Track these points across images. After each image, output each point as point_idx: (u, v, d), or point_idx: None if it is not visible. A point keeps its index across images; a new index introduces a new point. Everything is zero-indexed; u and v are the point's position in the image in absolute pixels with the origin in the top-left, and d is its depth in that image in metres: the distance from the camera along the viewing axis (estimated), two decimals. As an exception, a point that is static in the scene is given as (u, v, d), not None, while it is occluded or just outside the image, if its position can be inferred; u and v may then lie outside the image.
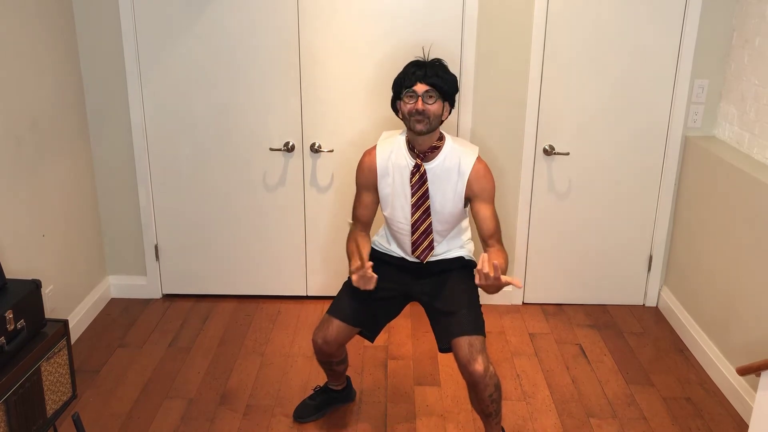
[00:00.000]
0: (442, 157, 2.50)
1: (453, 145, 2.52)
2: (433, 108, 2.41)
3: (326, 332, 2.59)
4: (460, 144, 2.55)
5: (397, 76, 2.50)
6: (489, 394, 2.44)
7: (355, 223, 2.68)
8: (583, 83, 3.49)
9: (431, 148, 2.49)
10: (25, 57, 3.00)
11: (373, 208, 2.65)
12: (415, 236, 2.58)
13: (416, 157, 2.50)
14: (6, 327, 2.29)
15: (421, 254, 2.60)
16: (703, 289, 3.38)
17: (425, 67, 2.43)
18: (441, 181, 2.50)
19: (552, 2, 3.37)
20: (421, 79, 2.41)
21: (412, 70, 2.44)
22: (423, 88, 2.41)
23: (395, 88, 2.50)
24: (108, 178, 3.68)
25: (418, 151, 2.49)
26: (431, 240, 2.57)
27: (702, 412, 2.99)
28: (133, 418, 2.89)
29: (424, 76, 2.41)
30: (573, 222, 3.73)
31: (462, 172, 2.48)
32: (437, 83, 2.41)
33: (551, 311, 3.83)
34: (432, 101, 2.41)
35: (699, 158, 3.45)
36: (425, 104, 2.40)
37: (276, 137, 3.60)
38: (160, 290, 3.89)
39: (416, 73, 2.43)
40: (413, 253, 2.61)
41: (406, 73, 2.46)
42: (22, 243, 2.99)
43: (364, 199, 2.64)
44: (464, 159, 2.49)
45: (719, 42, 3.43)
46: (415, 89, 2.42)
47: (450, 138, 2.54)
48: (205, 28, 3.42)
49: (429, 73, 2.42)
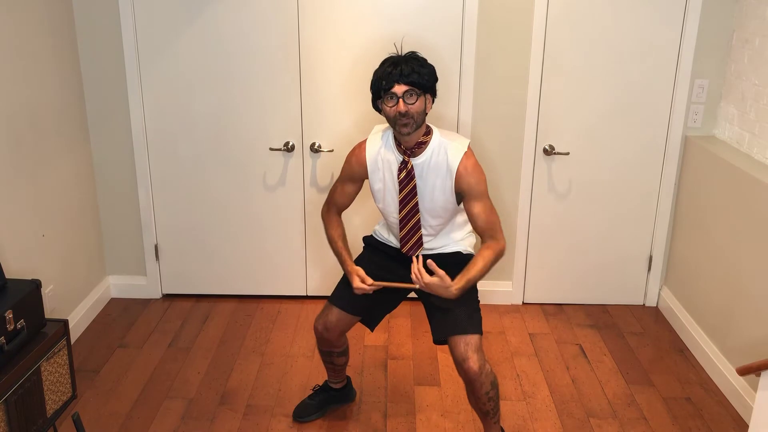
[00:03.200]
0: (430, 152, 2.45)
1: (441, 139, 2.47)
2: (415, 107, 2.35)
3: (327, 319, 2.63)
4: (449, 138, 2.49)
5: (373, 76, 2.42)
6: (485, 392, 2.44)
7: (329, 206, 2.68)
8: (583, 83, 3.49)
9: (418, 143, 2.45)
10: (26, 57, 3.00)
11: (351, 198, 2.65)
12: (404, 232, 2.56)
13: (403, 153, 2.47)
14: (6, 327, 2.29)
15: (410, 250, 2.58)
16: (703, 289, 3.38)
17: (401, 65, 2.36)
18: (430, 177, 2.46)
19: (552, 2, 3.37)
20: (398, 79, 2.34)
21: (388, 70, 2.37)
22: (402, 88, 2.34)
23: (373, 89, 2.43)
24: (108, 178, 3.68)
25: (405, 147, 2.46)
26: (419, 236, 2.56)
27: (702, 412, 2.99)
28: (133, 418, 2.89)
29: (401, 75, 2.34)
30: (573, 222, 3.73)
31: (450, 168, 2.44)
32: (415, 80, 2.35)
33: (551, 311, 3.83)
34: (413, 100, 2.35)
35: (699, 158, 3.45)
36: (407, 105, 2.34)
37: (276, 137, 3.60)
38: (159, 290, 3.89)
39: (393, 73, 2.35)
40: (402, 249, 2.60)
41: (383, 73, 2.38)
42: (22, 243, 2.99)
43: (347, 188, 2.64)
44: (452, 154, 2.44)
45: (719, 42, 3.43)
46: (394, 91, 2.35)
47: (438, 132, 2.49)
48: (205, 27, 3.42)
49: (405, 71, 2.34)
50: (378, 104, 2.45)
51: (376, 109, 2.47)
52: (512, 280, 3.85)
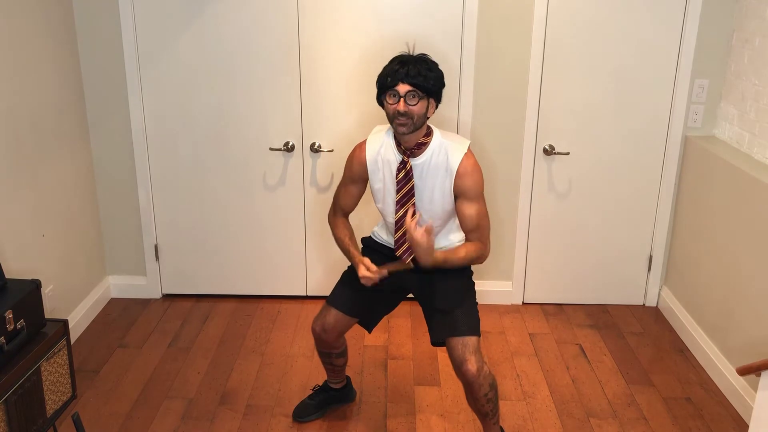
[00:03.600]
0: (429, 153, 2.45)
1: (441, 140, 2.46)
2: (415, 109, 2.34)
3: (324, 320, 2.63)
4: (449, 139, 2.48)
5: (381, 71, 2.42)
6: (484, 394, 2.44)
7: (335, 210, 2.67)
8: (583, 83, 3.49)
9: (418, 144, 2.44)
10: (26, 57, 3.00)
11: (356, 199, 2.64)
12: (399, 233, 2.54)
13: (403, 153, 2.46)
14: (6, 327, 2.29)
15: (404, 253, 2.56)
16: (703, 289, 3.38)
17: (408, 65, 2.35)
18: (429, 178, 2.46)
19: (552, 2, 3.37)
20: (404, 79, 2.33)
21: (395, 68, 2.36)
22: (405, 88, 2.33)
23: (378, 83, 2.42)
24: (108, 178, 3.68)
25: (405, 147, 2.45)
26: None
27: (702, 412, 2.99)
28: (133, 418, 2.89)
29: (406, 75, 2.33)
30: (573, 222, 3.73)
31: (450, 168, 2.43)
32: (420, 83, 2.34)
33: (551, 311, 3.83)
34: (414, 102, 2.34)
35: (699, 158, 3.45)
36: (407, 105, 2.33)
37: (276, 137, 3.60)
38: (159, 290, 3.89)
39: (399, 71, 2.35)
40: (396, 252, 2.58)
41: (390, 70, 2.38)
42: (22, 243, 2.99)
43: (350, 189, 2.63)
44: (452, 155, 2.43)
45: (719, 42, 3.43)
46: (397, 89, 2.34)
47: (439, 133, 2.48)
48: (205, 27, 3.42)
49: (412, 72, 2.33)
50: (381, 99, 2.44)
51: (380, 103, 2.46)
52: (512, 280, 3.85)
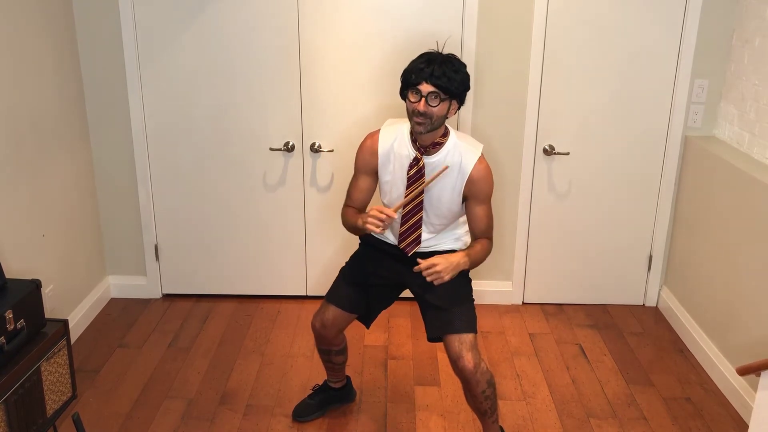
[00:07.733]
0: (444, 153, 2.45)
1: (456, 141, 2.46)
2: (435, 110, 2.32)
3: (324, 317, 2.66)
4: (464, 141, 2.49)
5: (407, 65, 2.39)
6: (482, 391, 2.45)
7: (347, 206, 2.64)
8: (583, 83, 3.49)
9: (434, 143, 2.44)
10: (26, 57, 3.00)
11: (368, 193, 2.60)
12: (404, 228, 2.54)
13: (417, 150, 2.46)
14: (6, 327, 2.29)
15: (407, 247, 2.57)
16: (703, 289, 3.38)
17: (434, 65, 2.32)
18: (440, 177, 2.46)
19: (552, 1, 3.37)
20: (428, 78, 2.31)
21: (420, 66, 2.33)
22: (428, 88, 2.31)
23: (402, 79, 2.40)
24: (108, 178, 3.68)
25: (420, 144, 2.45)
26: (419, 234, 2.55)
27: (702, 412, 2.99)
28: (133, 418, 2.89)
29: (431, 75, 2.30)
30: (573, 222, 3.73)
31: (463, 170, 2.44)
32: (443, 84, 2.31)
33: (551, 311, 3.83)
34: (436, 103, 2.32)
35: (699, 158, 3.45)
36: (428, 106, 2.32)
37: (276, 137, 3.60)
38: (159, 290, 3.89)
39: (424, 70, 2.32)
40: (399, 245, 2.58)
41: (415, 67, 2.35)
42: (22, 243, 2.99)
43: (361, 183, 2.59)
44: (466, 157, 2.44)
45: (719, 42, 3.43)
46: (420, 88, 2.32)
47: (454, 133, 2.49)
48: (205, 28, 3.42)
49: (437, 72, 2.30)
50: (404, 94, 2.42)
51: (402, 97, 2.43)
52: (512, 280, 3.85)
